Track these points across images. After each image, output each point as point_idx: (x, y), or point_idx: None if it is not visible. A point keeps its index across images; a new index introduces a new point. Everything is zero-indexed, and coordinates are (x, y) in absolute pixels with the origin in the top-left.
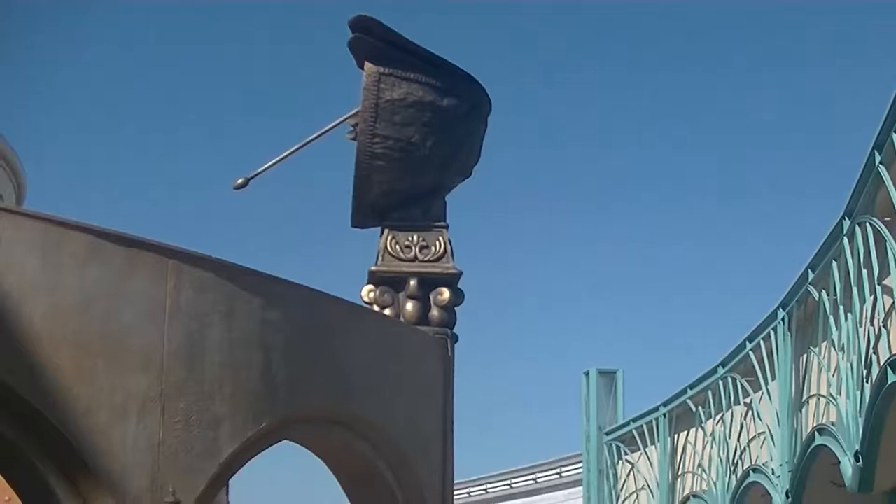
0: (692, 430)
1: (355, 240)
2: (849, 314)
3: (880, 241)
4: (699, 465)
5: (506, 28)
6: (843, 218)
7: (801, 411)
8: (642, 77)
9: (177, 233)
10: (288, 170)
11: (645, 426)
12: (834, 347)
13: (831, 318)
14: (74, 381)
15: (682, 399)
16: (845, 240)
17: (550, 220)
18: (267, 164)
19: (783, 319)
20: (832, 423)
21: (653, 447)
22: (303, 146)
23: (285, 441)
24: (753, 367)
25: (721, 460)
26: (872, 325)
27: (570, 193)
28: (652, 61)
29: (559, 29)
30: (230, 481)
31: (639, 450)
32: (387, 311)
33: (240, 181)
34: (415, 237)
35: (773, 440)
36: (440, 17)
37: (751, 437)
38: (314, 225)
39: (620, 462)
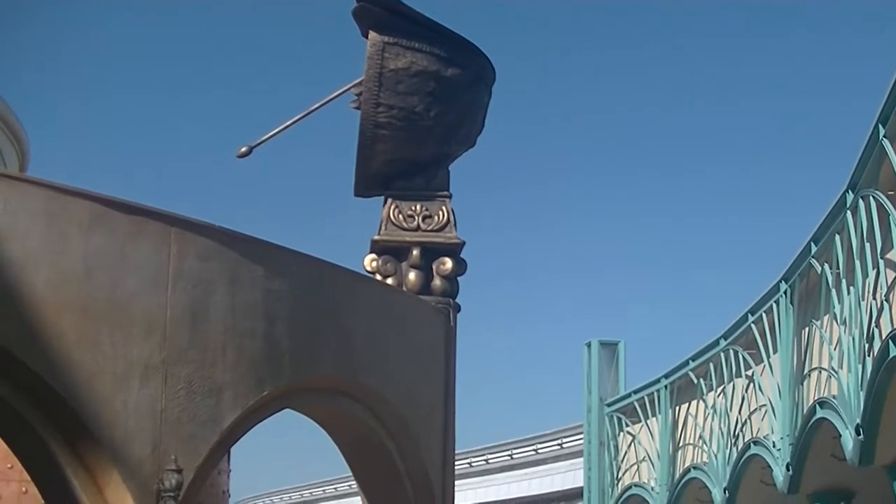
0: (693, 402)
1: (358, 209)
2: (851, 288)
3: (883, 214)
4: (700, 437)
5: None
6: (846, 191)
7: (802, 384)
8: (644, 45)
9: (179, 201)
10: (291, 139)
11: (646, 398)
12: (836, 321)
13: (833, 292)
14: (77, 348)
15: (683, 371)
16: (848, 213)
17: (554, 190)
18: (270, 133)
19: (785, 292)
20: (833, 397)
21: (654, 419)
22: (306, 115)
23: (287, 409)
24: (755, 339)
25: (722, 432)
26: (875, 298)
27: (574, 164)
28: (652, 27)
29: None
30: (232, 449)
31: (640, 421)
32: (389, 281)
33: (243, 150)
34: (418, 206)
35: (774, 413)
36: None
37: (752, 409)
38: (317, 194)
39: (621, 433)
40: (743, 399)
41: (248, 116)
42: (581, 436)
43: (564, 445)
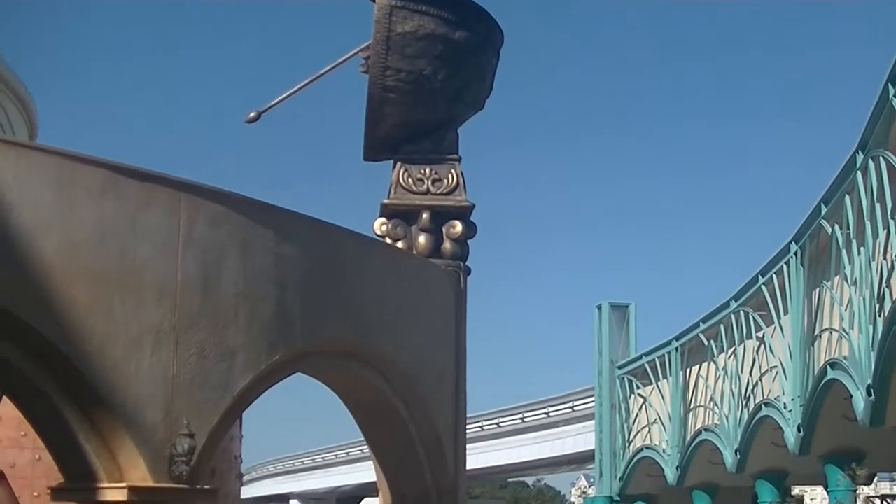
0: (704, 365)
1: (368, 173)
2: (861, 248)
3: (893, 174)
4: (711, 399)
5: None
6: (856, 152)
7: (813, 345)
8: (652, 5)
9: (189, 167)
10: (300, 103)
11: (657, 360)
12: (846, 282)
13: (844, 253)
14: (89, 315)
15: (694, 333)
16: (858, 174)
17: (563, 154)
18: (279, 98)
19: (796, 254)
20: (844, 358)
21: (665, 381)
22: (314, 80)
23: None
24: (766, 301)
25: (733, 394)
26: (885, 259)
27: (583, 127)
28: None
29: None
30: (244, 415)
31: (651, 384)
32: (399, 244)
33: (252, 115)
34: (427, 170)
35: (785, 374)
36: None
37: (763, 371)
38: (326, 158)
39: (633, 396)
40: (754, 361)
41: (257, 81)
42: (592, 399)
43: (576, 408)
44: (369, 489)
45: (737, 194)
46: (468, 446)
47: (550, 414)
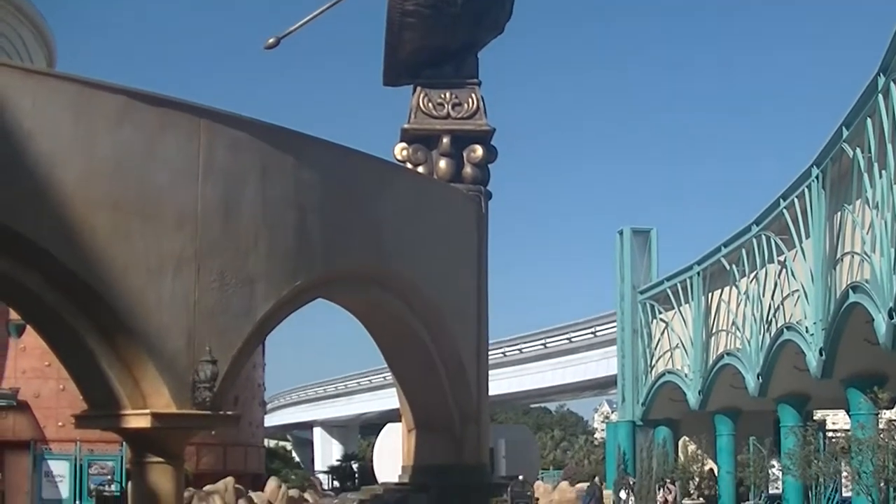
0: (726, 289)
1: (388, 98)
2: (883, 171)
3: None
4: (733, 324)
5: None
6: (878, 74)
7: (834, 269)
8: None
9: (208, 94)
10: (319, 29)
11: (679, 285)
12: (868, 205)
13: (865, 176)
14: (110, 243)
15: (716, 258)
16: (880, 97)
17: (586, 78)
18: (298, 24)
19: (817, 177)
20: (866, 281)
21: (687, 306)
22: (334, 4)
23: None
24: (787, 225)
25: (755, 318)
26: None
27: (606, 51)
28: None
29: None
30: (267, 343)
31: (673, 308)
32: (420, 169)
33: (271, 41)
34: (447, 94)
35: (806, 298)
36: None
37: (785, 295)
38: (346, 83)
39: (654, 321)
40: (775, 285)
41: (276, 7)
42: (614, 324)
43: (598, 334)
44: (393, 416)
45: (757, 119)
46: (490, 373)
47: (572, 339)
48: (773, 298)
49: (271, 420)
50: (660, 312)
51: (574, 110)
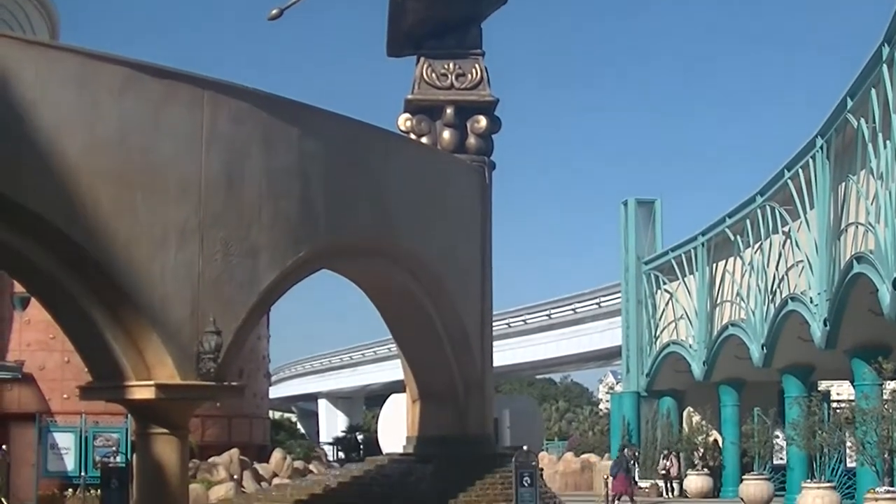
0: (730, 259)
1: (392, 69)
2: (887, 142)
3: None
4: (737, 294)
5: None
6: (882, 45)
7: (839, 239)
8: None
9: (212, 66)
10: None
11: (683, 255)
12: (872, 175)
13: (870, 146)
14: (113, 215)
15: (720, 228)
16: (884, 67)
17: (590, 48)
18: None
19: (822, 148)
20: (870, 251)
21: (691, 276)
22: None
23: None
24: (792, 195)
25: (759, 289)
26: None
27: (610, 20)
28: None
29: None
30: (271, 315)
31: (677, 279)
32: (424, 140)
33: (274, 12)
34: (451, 65)
35: (811, 268)
36: None
37: (789, 265)
38: (350, 55)
39: (659, 291)
40: (780, 255)
41: None
42: (619, 295)
43: (602, 304)
44: (397, 387)
45: (761, 89)
46: (495, 344)
47: (577, 310)
48: (777, 269)
49: (276, 392)
50: (664, 283)
51: (579, 79)
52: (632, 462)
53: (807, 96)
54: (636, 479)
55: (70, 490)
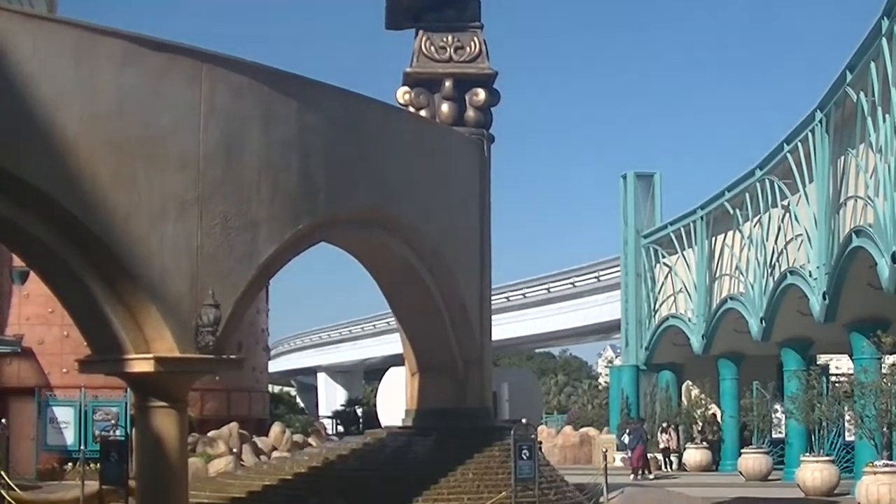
0: (730, 233)
1: (390, 42)
2: (887, 116)
3: None
4: (737, 268)
5: None
6: (881, 17)
7: (838, 213)
8: None
9: (209, 39)
10: None
11: (682, 229)
12: (871, 149)
13: (869, 120)
14: (112, 187)
15: (719, 202)
16: (884, 40)
17: (590, 21)
18: None
19: (821, 121)
20: (869, 225)
21: (690, 250)
22: None
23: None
24: (791, 169)
25: (758, 263)
26: None
27: None
28: None
29: None
30: (270, 289)
31: (676, 253)
32: (422, 113)
33: None
34: (449, 38)
35: (810, 242)
36: None
37: (788, 239)
38: (349, 27)
39: (658, 265)
40: (779, 229)
41: None
42: (618, 268)
43: (601, 278)
44: (396, 361)
45: (761, 62)
46: (494, 317)
47: (576, 284)
48: (776, 243)
49: (275, 366)
50: (663, 257)
51: (578, 54)
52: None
53: (807, 68)
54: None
55: (69, 464)
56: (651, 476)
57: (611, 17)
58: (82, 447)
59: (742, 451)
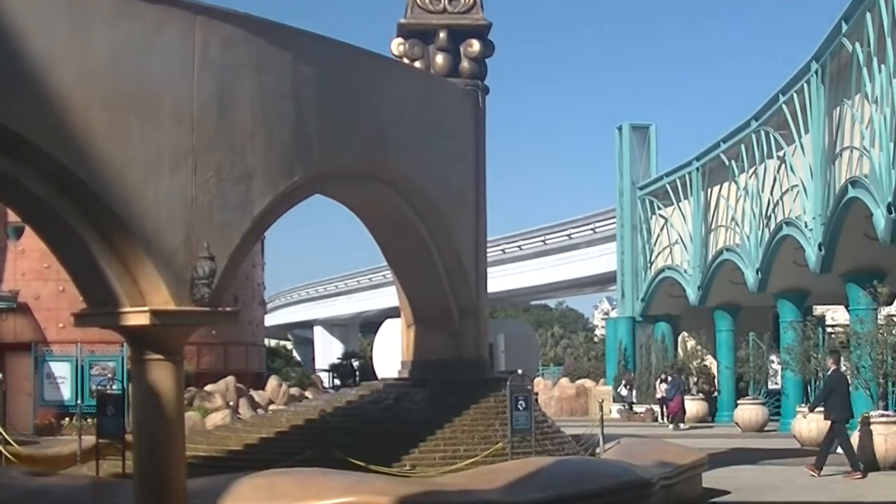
0: (725, 184)
1: None
2: (882, 66)
3: None
4: (732, 219)
5: None
6: None
7: (834, 164)
8: None
9: None
10: None
11: (678, 180)
12: (867, 99)
13: (865, 71)
14: (106, 140)
15: (715, 153)
16: None
17: None
18: None
19: (816, 72)
20: (865, 176)
21: (686, 201)
22: None
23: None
24: (786, 120)
25: (754, 214)
26: None
27: None
28: None
29: None
30: (266, 243)
31: (672, 204)
32: (417, 64)
33: None
34: None
35: (806, 193)
36: None
37: (784, 190)
38: None
39: (654, 217)
40: (775, 180)
41: None
42: (614, 220)
43: (597, 230)
44: (393, 314)
45: (756, 13)
46: (490, 270)
47: (572, 236)
48: (772, 194)
49: (272, 319)
50: (659, 208)
51: (572, 4)
52: (627, 386)
53: (804, 17)
54: (633, 403)
55: (66, 419)
56: (684, 426)
57: None
58: (79, 402)
59: (738, 402)
